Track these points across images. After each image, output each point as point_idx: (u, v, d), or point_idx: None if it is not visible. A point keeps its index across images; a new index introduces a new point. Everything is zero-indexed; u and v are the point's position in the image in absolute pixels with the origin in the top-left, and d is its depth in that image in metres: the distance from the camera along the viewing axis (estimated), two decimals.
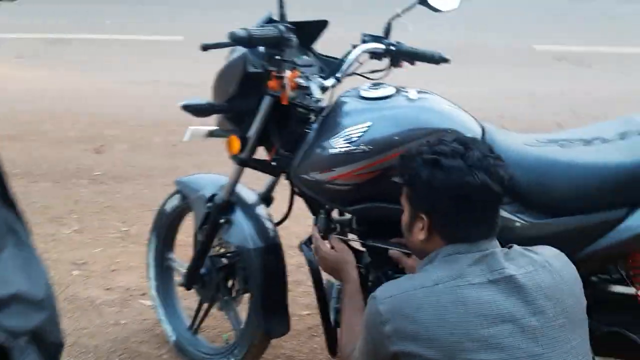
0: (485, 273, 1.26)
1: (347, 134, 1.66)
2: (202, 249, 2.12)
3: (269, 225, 2.07)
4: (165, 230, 2.44)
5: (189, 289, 2.22)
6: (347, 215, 1.85)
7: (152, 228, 2.49)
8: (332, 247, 1.76)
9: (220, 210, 2.02)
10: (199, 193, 2.16)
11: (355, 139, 1.65)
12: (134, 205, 3.67)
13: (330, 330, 1.84)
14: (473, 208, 1.28)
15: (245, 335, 2.09)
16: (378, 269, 1.86)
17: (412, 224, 1.37)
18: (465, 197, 1.27)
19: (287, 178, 1.91)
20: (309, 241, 1.85)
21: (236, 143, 1.87)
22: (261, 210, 2.10)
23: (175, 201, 2.36)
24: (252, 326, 2.05)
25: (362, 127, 1.65)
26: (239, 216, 2.02)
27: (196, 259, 2.15)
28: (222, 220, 2.01)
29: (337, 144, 1.67)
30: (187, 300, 2.48)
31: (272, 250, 2.02)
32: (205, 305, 2.29)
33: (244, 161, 1.92)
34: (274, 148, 1.89)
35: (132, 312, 2.72)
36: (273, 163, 1.90)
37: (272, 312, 1.99)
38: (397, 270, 1.79)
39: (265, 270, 1.97)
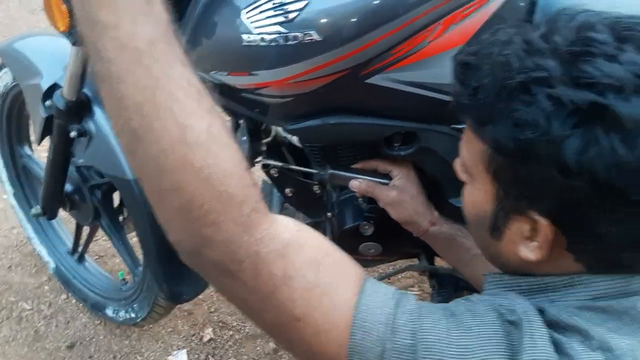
0: None
1: (277, 2, 0.82)
2: (54, 168, 1.33)
3: None
4: (5, 116, 1.59)
5: (50, 218, 1.48)
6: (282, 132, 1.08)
7: None
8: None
9: (67, 117, 1.19)
10: (30, 80, 1.28)
11: (294, 15, 0.81)
12: None
13: None
14: None
15: (144, 287, 1.43)
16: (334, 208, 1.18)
17: (502, 223, 0.63)
18: None
19: None
20: None
21: (61, 9, 0.98)
22: None
23: (7, 78, 1.48)
24: (150, 280, 1.37)
25: None
26: (101, 124, 1.20)
27: (50, 181, 1.37)
28: (73, 134, 1.19)
29: (258, 25, 0.83)
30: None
31: None
32: (86, 228, 1.59)
33: None
34: None
35: None
36: None
37: (176, 271, 1.27)
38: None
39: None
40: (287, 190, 1.26)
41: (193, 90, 0.53)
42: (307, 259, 0.57)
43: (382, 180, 1.06)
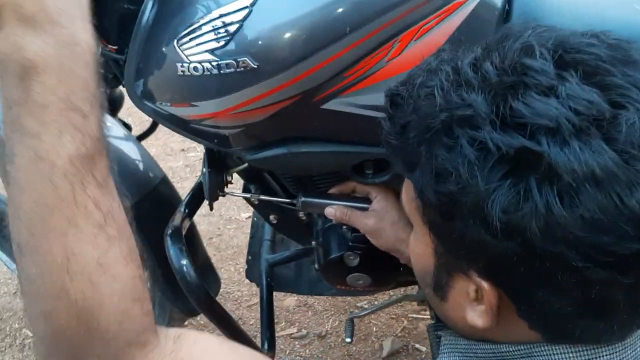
0: None
1: (214, 24, 0.74)
2: None
3: (136, 156, 1.21)
4: None
5: None
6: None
7: None
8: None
9: None
10: None
11: (225, 41, 0.73)
12: None
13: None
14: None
15: (155, 305, 1.38)
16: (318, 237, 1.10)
17: (445, 281, 0.54)
18: (621, 258, 0.42)
19: None
20: (180, 223, 1.02)
21: None
22: (115, 129, 1.22)
23: None
24: (161, 298, 1.32)
25: (238, 13, 0.72)
26: None
27: None
28: None
29: (190, 54, 0.75)
30: None
31: (156, 198, 1.18)
32: None
33: None
34: None
35: None
36: None
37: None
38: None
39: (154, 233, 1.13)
40: (272, 218, 1.19)
41: (98, 215, 0.46)
42: None
43: (359, 205, 0.97)
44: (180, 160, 2.30)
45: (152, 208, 1.20)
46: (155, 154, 2.06)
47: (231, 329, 1.04)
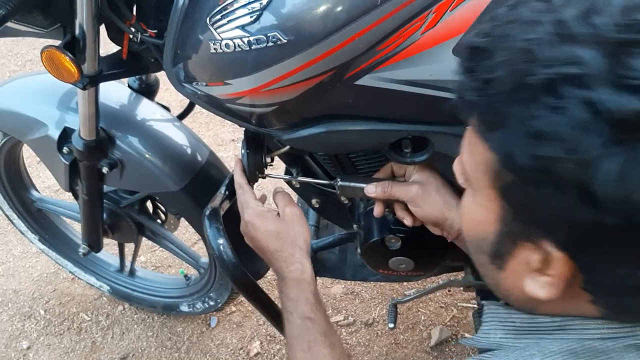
0: None
1: (238, 3, 0.73)
2: (92, 206, 1.32)
3: (182, 137, 1.24)
4: (4, 172, 1.54)
5: (98, 251, 1.48)
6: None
7: None
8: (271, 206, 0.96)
9: (93, 156, 1.17)
10: (34, 134, 1.24)
11: (255, 16, 0.72)
12: None
13: None
14: None
15: (217, 276, 1.46)
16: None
17: (507, 250, 0.51)
18: None
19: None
20: (219, 204, 1.03)
21: (64, 59, 0.94)
22: (157, 112, 1.25)
23: None
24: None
25: None
26: (127, 150, 1.17)
27: (89, 219, 1.36)
28: (105, 170, 1.18)
29: (221, 31, 0.75)
30: None
31: (206, 174, 1.24)
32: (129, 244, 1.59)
33: (96, 78, 1.00)
34: (125, 37, 0.97)
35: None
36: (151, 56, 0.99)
37: (246, 252, 1.10)
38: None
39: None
40: (314, 202, 1.19)
41: None
42: None
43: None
44: (230, 151, 2.33)
45: (205, 183, 1.25)
46: None
47: (269, 309, 1.05)
